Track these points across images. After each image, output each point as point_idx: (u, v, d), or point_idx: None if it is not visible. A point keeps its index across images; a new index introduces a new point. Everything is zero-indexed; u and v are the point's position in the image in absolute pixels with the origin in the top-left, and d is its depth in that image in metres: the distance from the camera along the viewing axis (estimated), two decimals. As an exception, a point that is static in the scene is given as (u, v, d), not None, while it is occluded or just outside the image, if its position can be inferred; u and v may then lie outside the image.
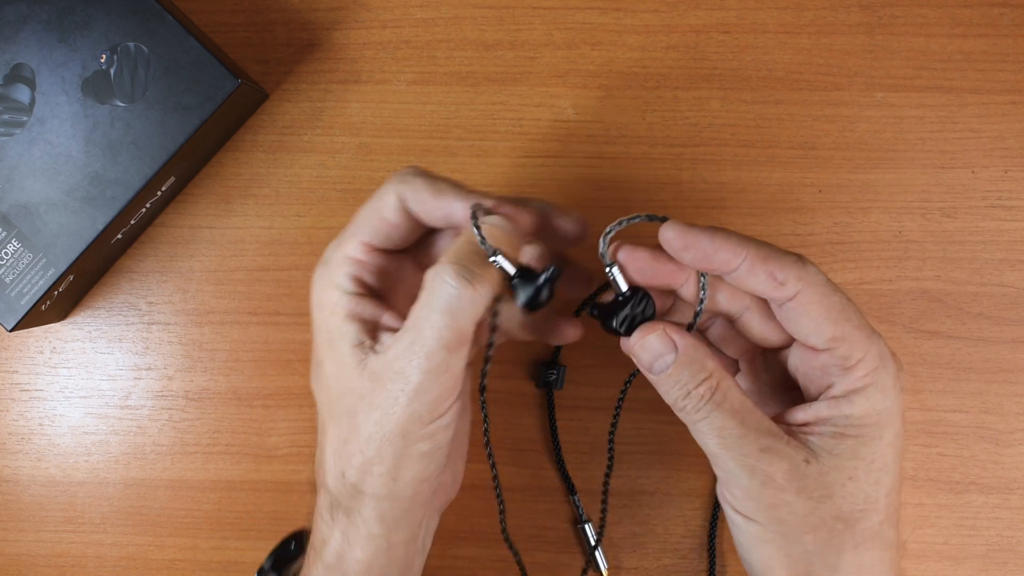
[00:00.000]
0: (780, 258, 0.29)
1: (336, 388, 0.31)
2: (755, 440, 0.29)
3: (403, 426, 0.29)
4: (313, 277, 0.33)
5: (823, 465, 0.29)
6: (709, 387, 0.30)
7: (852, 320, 0.29)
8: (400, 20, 0.45)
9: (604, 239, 0.30)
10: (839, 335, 0.29)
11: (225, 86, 0.40)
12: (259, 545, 0.44)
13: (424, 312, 0.29)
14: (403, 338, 0.29)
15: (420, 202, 0.31)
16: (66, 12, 0.40)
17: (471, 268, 0.28)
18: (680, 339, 0.30)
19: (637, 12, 0.45)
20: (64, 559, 0.45)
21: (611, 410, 0.44)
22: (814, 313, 0.29)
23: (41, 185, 0.40)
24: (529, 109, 0.45)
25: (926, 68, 0.44)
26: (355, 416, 0.30)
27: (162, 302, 0.45)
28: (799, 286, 0.29)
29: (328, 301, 0.31)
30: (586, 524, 0.43)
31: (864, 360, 0.29)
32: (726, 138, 0.44)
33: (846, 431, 0.29)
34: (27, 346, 0.45)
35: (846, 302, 0.30)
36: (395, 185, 0.31)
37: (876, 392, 0.29)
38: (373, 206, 0.32)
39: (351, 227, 0.32)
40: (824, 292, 0.29)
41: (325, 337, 0.31)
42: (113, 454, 0.45)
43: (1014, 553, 0.43)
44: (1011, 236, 0.44)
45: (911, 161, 0.44)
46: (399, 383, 0.29)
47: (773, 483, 0.29)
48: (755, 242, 0.29)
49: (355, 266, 0.32)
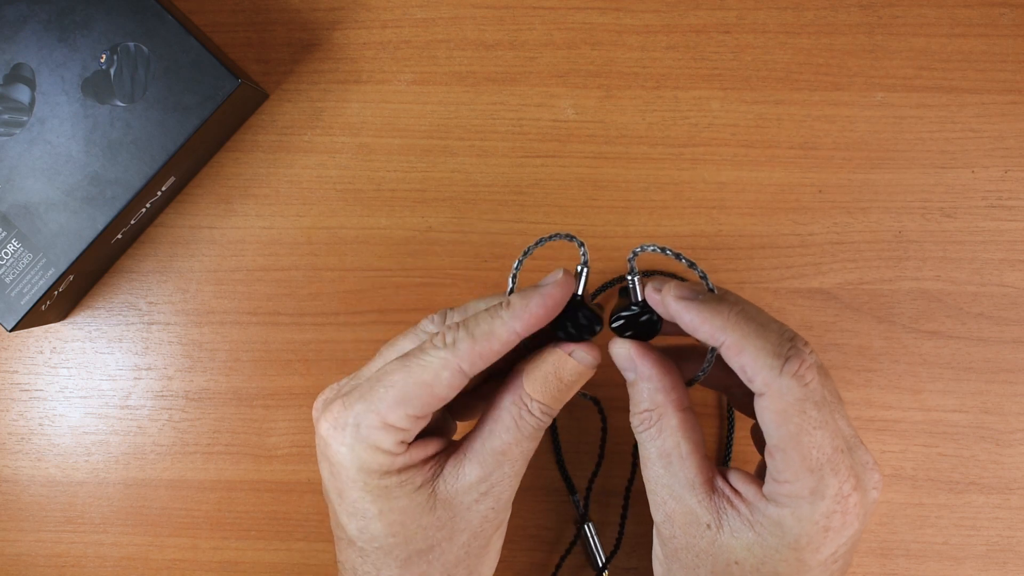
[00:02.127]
0: (755, 356, 0.28)
1: (403, 534, 0.31)
2: (670, 485, 0.31)
3: (489, 535, 0.32)
4: (336, 436, 0.30)
5: (720, 537, 0.30)
6: (648, 418, 0.31)
7: (802, 446, 0.28)
8: (400, 20, 0.45)
9: (633, 254, 0.31)
10: (779, 448, 0.29)
11: (225, 86, 0.40)
12: (259, 545, 0.44)
13: (511, 437, 0.31)
14: (487, 461, 0.31)
15: (481, 361, 0.30)
16: (66, 12, 0.40)
17: (551, 405, 0.31)
18: (642, 364, 0.31)
19: (637, 12, 0.45)
20: (64, 559, 0.45)
21: (612, 411, 0.44)
22: (767, 420, 0.29)
23: (41, 185, 0.40)
24: (529, 109, 0.45)
25: (926, 68, 0.44)
26: (433, 550, 0.31)
27: (162, 302, 0.45)
28: (764, 390, 0.28)
29: (375, 463, 0.30)
30: (586, 524, 0.43)
31: (791, 483, 0.28)
32: (726, 138, 0.44)
33: (753, 524, 0.29)
34: (27, 346, 0.45)
35: (809, 429, 0.28)
36: (449, 360, 0.29)
37: (789, 516, 0.29)
38: (420, 379, 0.29)
39: (389, 394, 0.30)
40: (785, 409, 0.28)
41: (377, 493, 0.31)
42: (113, 454, 0.45)
43: (1014, 553, 0.43)
44: (1011, 236, 0.44)
45: (911, 161, 0.44)
46: (488, 502, 0.31)
47: (670, 525, 0.31)
48: (741, 330, 0.29)
49: (401, 433, 0.30)
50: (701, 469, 0.31)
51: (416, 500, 0.31)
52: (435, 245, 0.44)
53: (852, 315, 0.44)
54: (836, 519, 0.29)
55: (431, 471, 0.31)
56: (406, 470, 0.31)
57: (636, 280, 0.32)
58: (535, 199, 0.44)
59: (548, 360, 0.31)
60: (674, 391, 0.31)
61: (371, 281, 0.45)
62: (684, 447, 0.31)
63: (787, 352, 0.28)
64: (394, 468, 0.30)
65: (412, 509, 0.31)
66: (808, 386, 0.28)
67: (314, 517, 0.45)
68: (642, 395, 0.31)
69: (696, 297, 0.30)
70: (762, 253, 0.44)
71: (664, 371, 0.31)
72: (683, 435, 0.31)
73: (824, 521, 0.28)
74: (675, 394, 0.31)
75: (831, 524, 0.29)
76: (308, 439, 0.44)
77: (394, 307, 0.44)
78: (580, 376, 0.31)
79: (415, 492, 0.31)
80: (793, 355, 0.28)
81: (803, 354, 0.28)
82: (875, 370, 0.44)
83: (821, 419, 0.28)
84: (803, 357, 0.28)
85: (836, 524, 0.29)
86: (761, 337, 0.29)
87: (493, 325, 0.30)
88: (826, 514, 0.28)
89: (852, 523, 0.29)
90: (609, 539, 0.44)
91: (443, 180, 0.45)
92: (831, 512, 0.28)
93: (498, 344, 0.30)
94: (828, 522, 0.28)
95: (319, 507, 0.44)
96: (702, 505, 0.30)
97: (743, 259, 0.44)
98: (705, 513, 0.30)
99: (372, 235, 0.45)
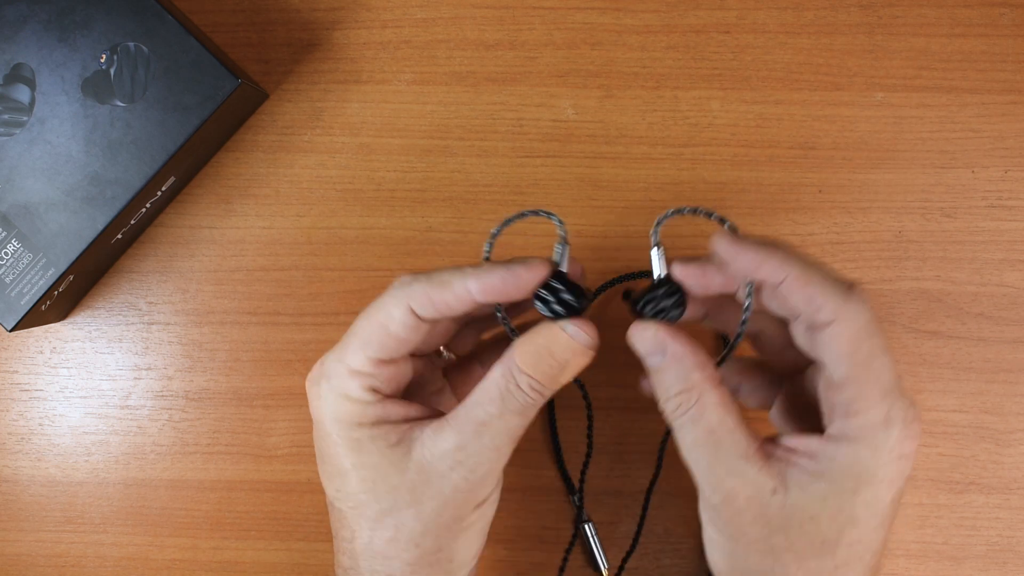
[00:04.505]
0: (823, 285, 0.28)
1: (374, 491, 0.31)
2: (724, 461, 0.30)
3: (461, 509, 0.31)
4: (313, 390, 0.32)
5: (789, 498, 0.29)
6: (687, 399, 0.30)
7: (873, 371, 0.28)
8: (400, 20, 0.45)
9: (656, 223, 0.31)
10: (852, 378, 0.29)
11: (225, 86, 0.40)
12: (259, 545, 0.44)
13: (495, 409, 0.30)
14: (465, 430, 0.30)
15: (431, 304, 0.30)
16: (66, 12, 0.40)
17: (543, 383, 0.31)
18: (672, 344, 0.30)
19: (637, 12, 0.45)
20: (64, 559, 0.45)
21: (611, 410, 0.44)
22: (837, 348, 0.29)
23: (41, 185, 0.40)
24: (529, 109, 0.45)
25: (926, 68, 0.44)
26: (402, 512, 0.31)
27: (162, 302, 0.45)
28: (834, 317, 0.28)
29: (346, 412, 0.31)
30: (586, 524, 0.43)
31: (865, 413, 0.29)
32: (726, 138, 0.44)
33: (823, 473, 0.29)
34: (27, 346, 0.45)
35: (878, 353, 0.29)
36: (399, 296, 0.30)
37: (865, 448, 0.29)
38: (376, 320, 0.30)
39: (352, 341, 0.31)
40: (857, 332, 0.28)
41: (349, 446, 0.31)
42: (113, 454, 0.45)
43: (1014, 553, 0.43)
44: (1011, 236, 0.44)
45: (911, 161, 0.44)
46: (461, 471, 0.30)
47: (733, 504, 0.30)
48: (802, 263, 0.29)
49: (366, 379, 0.31)
50: (752, 438, 0.30)
51: (389, 458, 0.30)
52: (435, 245, 0.44)
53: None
54: (907, 444, 0.29)
55: (409, 431, 0.31)
56: (379, 424, 0.31)
57: (660, 253, 0.31)
58: (535, 199, 0.44)
59: (540, 333, 0.31)
60: (708, 366, 0.31)
61: (371, 281, 0.45)
62: (729, 421, 0.30)
63: (848, 280, 0.29)
64: (366, 419, 0.30)
65: (384, 466, 0.31)
66: (871, 311, 0.29)
67: (314, 517, 0.45)
68: (674, 377, 0.30)
69: (749, 239, 0.29)
70: (762, 253, 0.44)
71: (695, 348, 0.31)
72: (727, 409, 0.30)
73: (899, 448, 0.29)
74: (709, 369, 0.31)
75: (904, 450, 0.29)
76: (308, 439, 0.44)
77: (394, 307, 0.44)
78: (573, 354, 0.31)
79: (388, 449, 0.30)
80: (854, 282, 0.29)
81: (860, 284, 0.29)
82: (875, 370, 0.44)
83: (884, 344, 0.29)
84: (861, 285, 0.29)
85: (907, 450, 0.29)
86: (822, 268, 0.29)
87: (452, 276, 0.30)
88: (900, 439, 0.29)
89: (914, 452, 0.29)
90: (610, 539, 0.44)
91: (443, 180, 0.45)
92: (903, 437, 0.29)
93: (450, 296, 0.29)
94: (902, 448, 0.29)
95: (319, 507, 0.44)
96: (763, 472, 0.29)
97: (743, 259, 0.44)
98: (768, 479, 0.29)
99: (372, 235, 0.45)
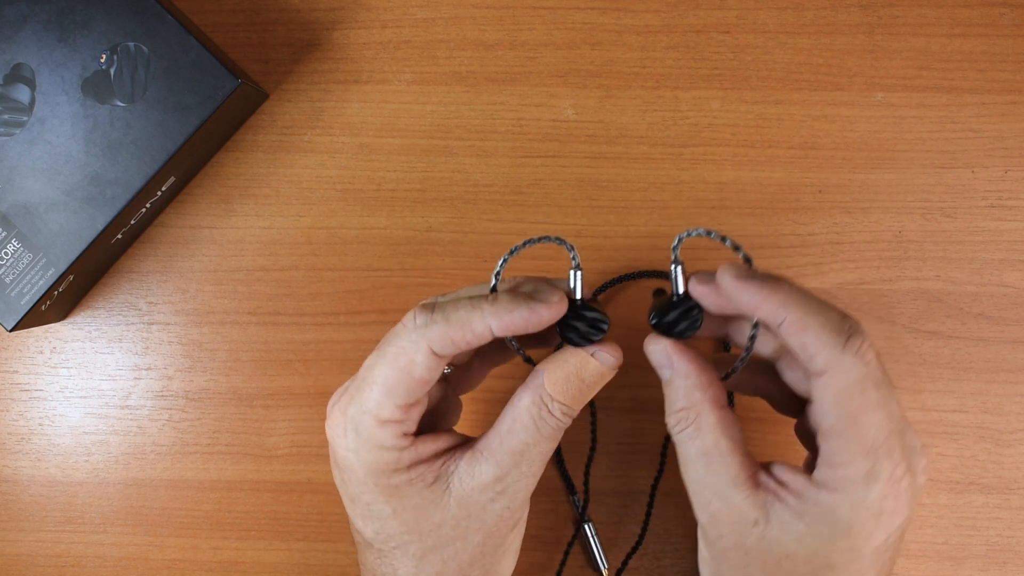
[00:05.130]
0: (818, 333, 0.28)
1: (417, 531, 0.31)
2: (713, 483, 0.30)
3: (504, 535, 0.32)
4: (341, 441, 0.31)
5: (769, 532, 0.29)
6: (687, 416, 0.31)
7: (860, 427, 0.28)
8: (400, 20, 0.45)
9: (678, 241, 0.31)
10: (837, 431, 0.28)
11: (225, 86, 0.40)
12: (259, 545, 0.44)
13: (530, 437, 0.31)
14: (503, 461, 0.31)
15: (452, 344, 0.29)
16: (66, 12, 0.40)
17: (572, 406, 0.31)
18: (679, 361, 0.31)
19: (637, 12, 0.45)
20: (64, 559, 0.45)
21: (612, 410, 0.44)
22: (826, 398, 0.28)
23: (41, 185, 0.40)
24: (529, 109, 0.45)
25: (926, 68, 0.44)
26: (447, 547, 0.31)
27: (162, 302, 0.45)
28: (825, 368, 0.28)
29: (382, 462, 0.30)
30: (586, 524, 0.43)
31: (846, 467, 0.28)
32: (726, 138, 0.44)
33: (803, 514, 0.29)
34: (27, 346, 0.45)
35: (869, 409, 0.28)
36: (418, 339, 0.29)
37: (843, 500, 0.28)
38: (398, 367, 0.29)
39: (374, 389, 0.30)
40: (847, 387, 0.28)
41: (389, 493, 0.31)
42: (113, 454, 0.45)
43: (1014, 553, 0.43)
44: (1011, 236, 0.44)
45: (911, 161, 0.44)
46: (503, 501, 0.31)
47: (717, 526, 0.30)
48: (802, 307, 0.28)
49: (397, 426, 0.30)
50: (744, 465, 0.30)
51: (429, 497, 0.31)
52: (435, 245, 0.44)
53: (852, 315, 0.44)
54: (889, 503, 0.28)
55: (444, 466, 0.31)
56: (415, 466, 0.30)
57: (680, 271, 0.31)
58: (535, 199, 0.44)
59: (570, 361, 0.31)
60: (711, 388, 0.31)
61: (371, 281, 0.45)
62: (724, 444, 0.30)
63: (848, 330, 0.28)
64: (403, 464, 0.30)
65: (425, 506, 0.31)
66: (869, 364, 0.28)
67: (314, 517, 0.45)
68: (678, 393, 0.31)
69: (754, 275, 0.29)
70: (762, 253, 0.44)
71: (701, 368, 0.31)
72: (722, 432, 0.30)
73: (877, 505, 0.28)
74: (712, 391, 0.31)
75: (884, 508, 0.28)
76: (308, 439, 0.44)
77: (394, 307, 0.44)
78: (602, 377, 0.31)
79: (427, 489, 0.31)
80: (855, 333, 0.28)
81: (863, 333, 0.28)
82: (875, 370, 0.44)
83: (880, 399, 0.28)
84: (864, 335, 0.28)
85: (889, 508, 0.28)
86: (822, 314, 0.28)
87: (471, 315, 0.29)
88: (879, 498, 0.28)
89: (903, 508, 0.28)
90: (611, 539, 0.44)
91: (443, 180, 0.45)
92: (884, 496, 0.28)
93: (471, 335, 0.29)
94: (881, 506, 0.28)
95: (319, 507, 0.44)
96: (748, 501, 0.29)
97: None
98: (752, 509, 0.29)
99: (372, 235, 0.45)
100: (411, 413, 0.30)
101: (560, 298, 0.30)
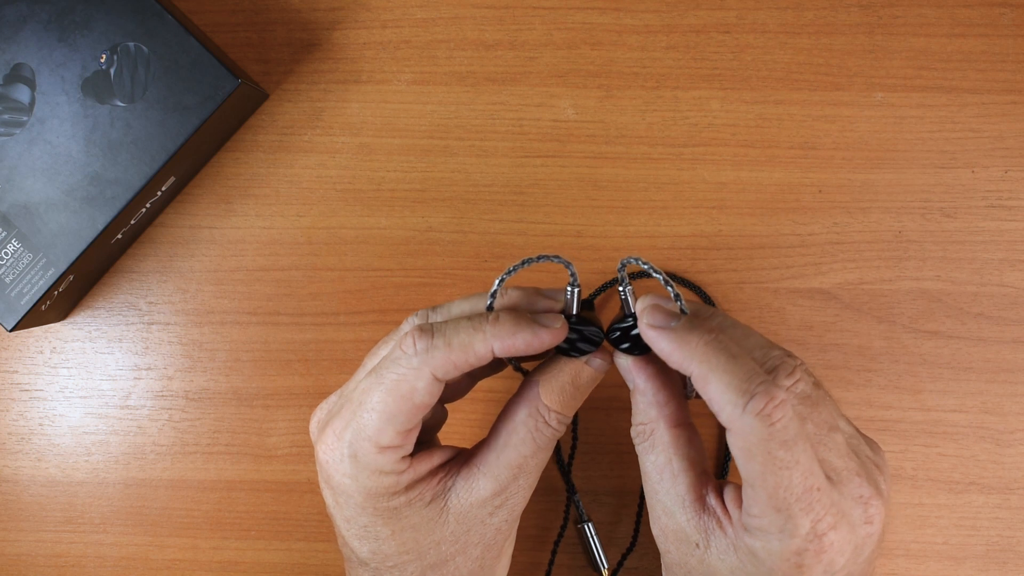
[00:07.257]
0: (722, 391, 0.27)
1: (417, 550, 0.31)
2: (663, 500, 0.30)
3: (502, 544, 0.32)
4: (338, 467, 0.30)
5: (708, 557, 0.29)
6: (644, 432, 0.31)
7: (767, 486, 0.27)
8: (400, 20, 0.45)
9: (622, 265, 0.31)
10: (748, 482, 0.27)
11: (225, 86, 0.40)
12: (259, 545, 0.44)
13: (528, 450, 0.31)
14: (501, 475, 0.31)
15: (453, 368, 0.29)
16: (66, 12, 0.40)
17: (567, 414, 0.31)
18: (637, 377, 0.31)
19: (637, 12, 0.45)
20: (64, 559, 0.45)
21: (611, 410, 0.44)
22: (734, 453, 0.28)
23: (41, 185, 0.40)
24: (529, 109, 0.45)
25: (926, 68, 0.44)
26: (447, 564, 0.31)
27: (162, 302, 0.45)
28: (729, 427, 0.27)
29: (382, 487, 0.30)
30: (586, 524, 0.43)
31: (760, 518, 0.27)
32: (726, 138, 0.44)
33: (735, 548, 0.29)
34: (27, 346, 0.45)
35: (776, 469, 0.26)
36: (419, 366, 0.29)
37: (763, 549, 0.28)
38: (398, 394, 0.29)
39: (373, 416, 0.29)
40: (749, 448, 0.27)
41: (387, 515, 0.30)
42: (113, 454, 0.45)
43: (1014, 553, 0.43)
44: (1011, 236, 0.44)
45: (911, 161, 0.44)
46: (502, 514, 0.31)
47: (664, 541, 0.31)
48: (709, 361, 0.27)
49: (397, 451, 0.29)
50: (692, 487, 0.30)
51: (428, 515, 0.30)
52: (435, 245, 0.44)
53: (852, 315, 0.44)
54: (809, 557, 0.27)
55: (440, 484, 0.31)
56: (413, 486, 0.30)
57: (628, 292, 0.31)
58: (535, 199, 0.44)
59: (564, 371, 0.31)
60: (668, 405, 0.31)
61: (371, 281, 0.45)
62: (676, 464, 0.30)
63: (755, 388, 0.27)
64: (401, 487, 0.30)
65: (425, 525, 0.31)
66: (774, 425, 0.26)
67: (314, 517, 0.45)
68: (638, 407, 0.31)
69: (669, 324, 0.29)
70: (762, 253, 0.44)
71: (659, 385, 0.31)
72: (675, 451, 0.30)
73: (795, 559, 0.27)
74: (668, 409, 0.31)
75: (803, 562, 0.27)
76: (308, 439, 0.44)
77: (394, 307, 0.44)
78: (595, 381, 0.31)
79: (426, 508, 0.30)
80: (760, 392, 0.26)
81: (774, 391, 0.26)
82: (875, 370, 0.44)
83: (790, 459, 0.26)
84: (772, 394, 0.26)
85: (809, 562, 0.27)
86: (728, 371, 0.27)
87: (473, 338, 0.29)
88: (797, 552, 0.27)
89: (834, 559, 0.27)
90: (610, 539, 0.44)
91: (443, 180, 0.45)
92: (802, 550, 0.27)
93: (474, 358, 0.29)
94: (800, 559, 0.27)
95: (319, 507, 0.44)
96: (691, 524, 0.30)
97: (743, 259, 0.44)
98: (694, 532, 0.30)
99: (372, 235, 0.45)
100: (410, 437, 0.30)
101: (562, 324, 0.30)
